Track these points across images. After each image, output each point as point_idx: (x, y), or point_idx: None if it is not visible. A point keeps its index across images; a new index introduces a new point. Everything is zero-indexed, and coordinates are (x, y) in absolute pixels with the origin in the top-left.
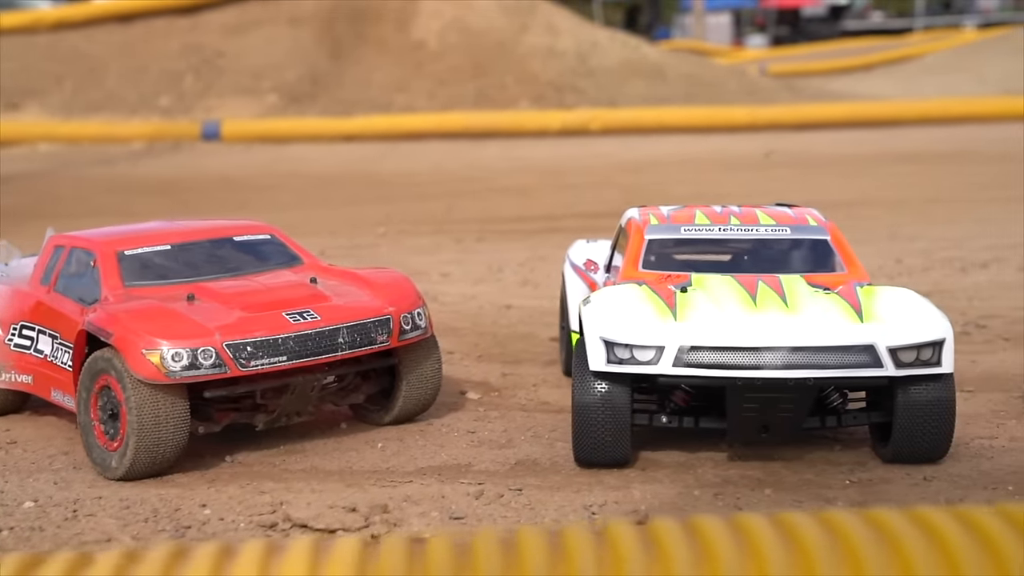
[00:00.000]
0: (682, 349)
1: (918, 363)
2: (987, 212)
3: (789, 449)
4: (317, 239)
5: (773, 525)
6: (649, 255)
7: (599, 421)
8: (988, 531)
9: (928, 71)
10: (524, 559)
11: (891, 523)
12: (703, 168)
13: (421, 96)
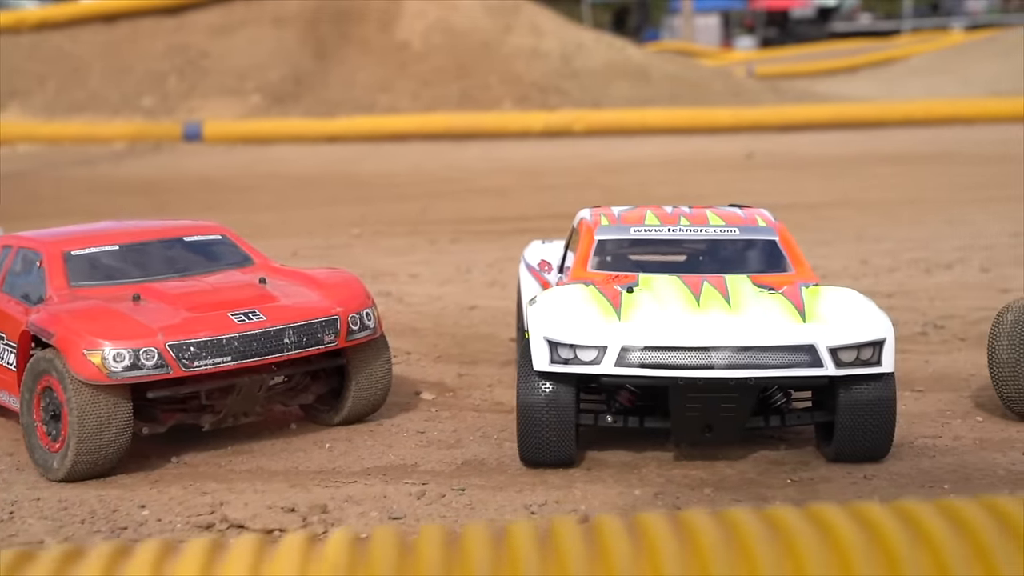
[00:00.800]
0: (624, 349)
1: (858, 363)
2: (961, 213)
3: (735, 449)
4: (292, 240)
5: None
6: (599, 256)
7: (543, 421)
8: (927, 526)
9: (914, 73)
10: (468, 556)
11: (827, 516)
12: (685, 169)
13: (405, 97)
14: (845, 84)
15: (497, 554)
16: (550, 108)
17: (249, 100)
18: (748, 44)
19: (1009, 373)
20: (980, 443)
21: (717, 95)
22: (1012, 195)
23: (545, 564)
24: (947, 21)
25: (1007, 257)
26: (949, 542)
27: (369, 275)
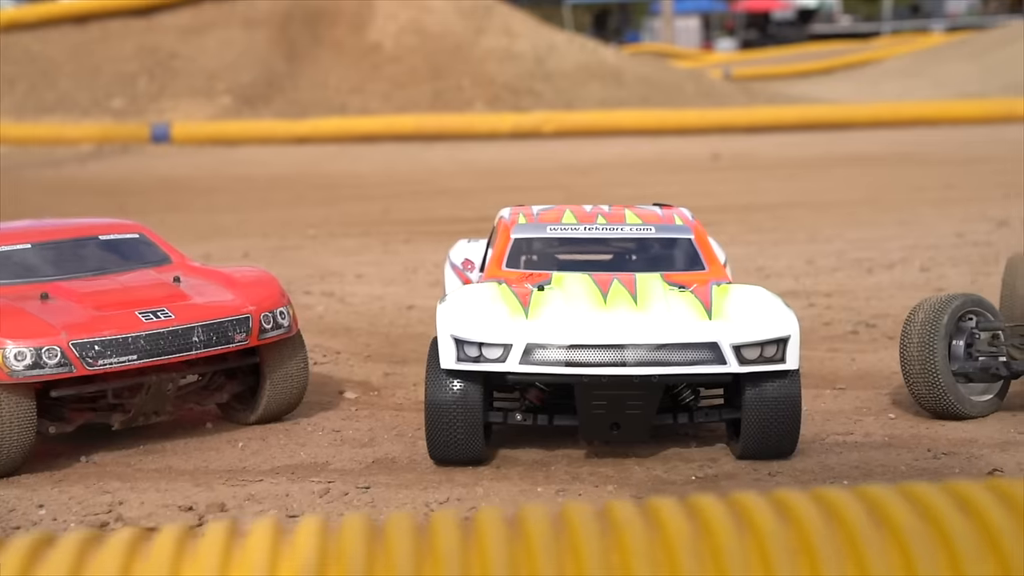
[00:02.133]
0: (529, 347)
1: (762, 360)
2: (915, 214)
3: (647, 446)
4: (246, 240)
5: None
6: (514, 254)
7: (451, 419)
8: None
9: (888, 75)
10: (343, 550)
11: (706, 511)
12: (649, 170)
13: (376, 98)
14: (820, 86)
15: (372, 548)
16: (522, 110)
17: (220, 102)
18: (728, 46)
19: (919, 371)
20: (889, 440)
21: (689, 97)
22: (966, 196)
23: (420, 560)
24: (927, 23)
25: (948, 257)
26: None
27: (317, 275)
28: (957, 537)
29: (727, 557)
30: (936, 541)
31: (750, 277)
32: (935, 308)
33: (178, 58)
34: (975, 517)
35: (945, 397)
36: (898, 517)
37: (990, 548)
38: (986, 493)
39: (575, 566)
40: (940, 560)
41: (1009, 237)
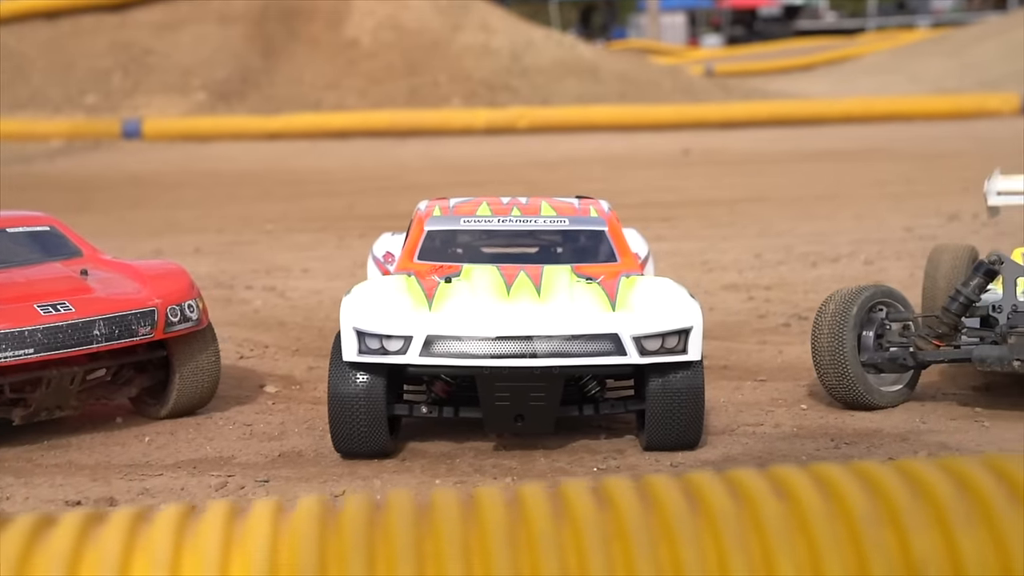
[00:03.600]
0: (430, 339)
1: (663, 351)
2: (870, 208)
3: (555, 438)
4: (201, 236)
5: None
6: (427, 246)
7: (354, 412)
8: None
9: (866, 71)
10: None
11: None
12: (619, 165)
13: (352, 94)
14: (800, 82)
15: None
16: (499, 106)
17: (194, 98)
18: (714, 42)
19: (829, 361)
20: (797, 430)
21: (666, 93)
22: (925, 191)
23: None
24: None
25: (893, 251)
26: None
27: (263, 270)
28: (859, 515)
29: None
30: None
31: (694, 271)
32: (845, 299)
33: (152, 54)
34: (879, 495)
35: (854, 387)
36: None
37: (891, 525)
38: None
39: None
40: (841, 537)
41: (957, 231)
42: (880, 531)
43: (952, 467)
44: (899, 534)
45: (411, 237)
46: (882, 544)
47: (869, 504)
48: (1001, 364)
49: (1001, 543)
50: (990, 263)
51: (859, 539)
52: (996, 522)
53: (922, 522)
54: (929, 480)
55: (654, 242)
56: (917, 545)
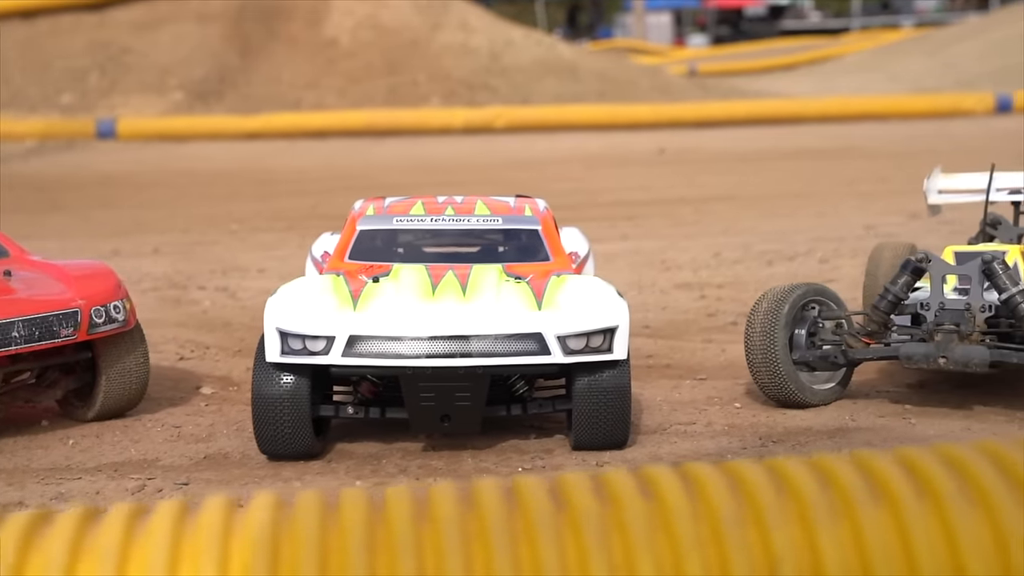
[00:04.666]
0: (352, 339)
1: (588, 350)
2: (835, 206)
3: (485, 438)
4: (163, 236)
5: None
6: (359, 246)
7: (278, 413)
8: None
9: (847, 70)
10: None
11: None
12: (594, 164)
13: (331, 94)
14: (782, 81)
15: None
16: (478, 105)
17: (172, 97)
18: (700, 42)
19: (762, 360)
20: (727, 429)
21: (645, 92)
22: (893, 189)
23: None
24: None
25: (850, 249)
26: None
27: (219, 270)
28: (768, 509)
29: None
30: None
31: (651, 270)
32: (777, 298)
33: (130, 53)
34: (790, 492)
35: (786, 386)
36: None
37: (754, 524)
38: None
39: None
40: (704, 536)
41: (916, 229)
42: (743, 530)
43: (819, 464)
44: (761, 532)
45: (343, 237)
46: (744, 543)
47: (734, 503)
48: (927, 361)
49: (860, 538)
50: (917, 261)
51: (721, 538)
52: (857, 518)
53: (783, 519)
54: (794, 476)
55: (617, 241)
56: (778, 542)
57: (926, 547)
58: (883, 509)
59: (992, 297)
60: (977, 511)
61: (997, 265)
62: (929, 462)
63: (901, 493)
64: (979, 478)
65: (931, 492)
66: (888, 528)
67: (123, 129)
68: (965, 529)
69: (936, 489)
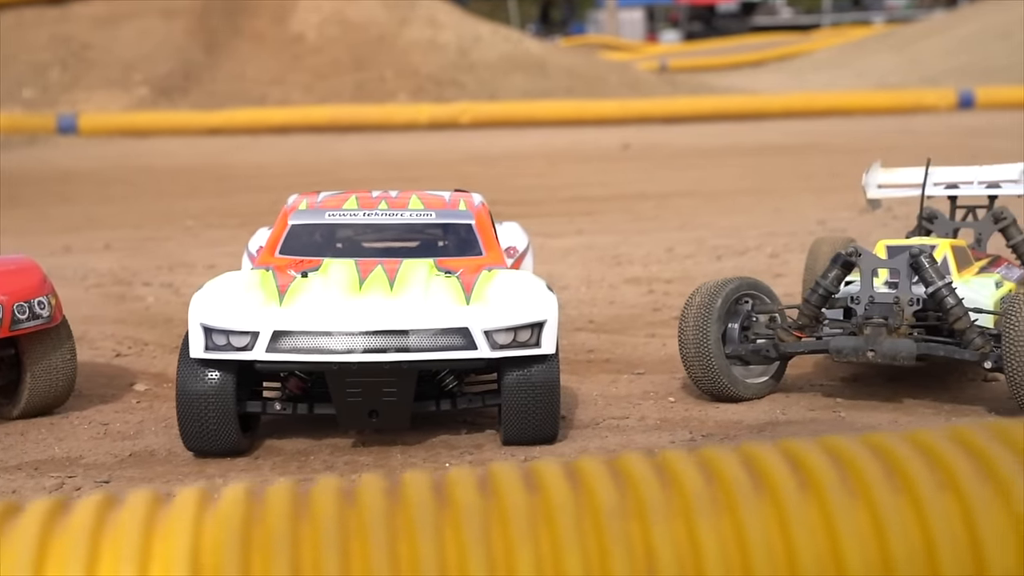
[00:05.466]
0: (277, 335)
1: (516, 345)
2: (793, 202)
3: (416, 433)
4: (116, 232)
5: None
6: (290, 241)
7: (203, 410)
8: None
9: (816, 66)
10: None
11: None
12: (558, 160)
13: (297, 89)
14: (751, 77)
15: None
16: (445, 101)
17: (135, 93)
18: (673, 38)
19: (695, 354)
20: (660, 423)
21: (613, 88)
22: (850, 184)
23: None
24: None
25: (800, 243)
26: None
27: (167, 266)
28: (650, 503)
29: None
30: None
31: (603, 265)
32: (710, 292)
33: (93, 48)
34: (675, 486)
35: (719, 379)
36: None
37: (728, 511)
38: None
39: None
40: (631, 525)
41: (866, 224)
42: (624, 523)
43: (706, 458)
44: (642, 526)
45: (274, 231)
46: (624, 536)
47: (618, 496)
48: (856, 355)
49: (741, 532)
50: (847, 255)
51: (602, 532)
52: (738, 511)
53: (666, 513)
54: (681, 470)
55: (572, 236)
56: (658, 536)
57: (808, 540)
58: (765, 502)
59: (921, 291)
60: (857, 502)
61: (924, 259)
62: (814, 454)
63: (784, 485)
64: (862, 471)
65: (813, 484)
66: (770, 521)
67: (84, 124)
68: (845, 520)
69: (818, 481)
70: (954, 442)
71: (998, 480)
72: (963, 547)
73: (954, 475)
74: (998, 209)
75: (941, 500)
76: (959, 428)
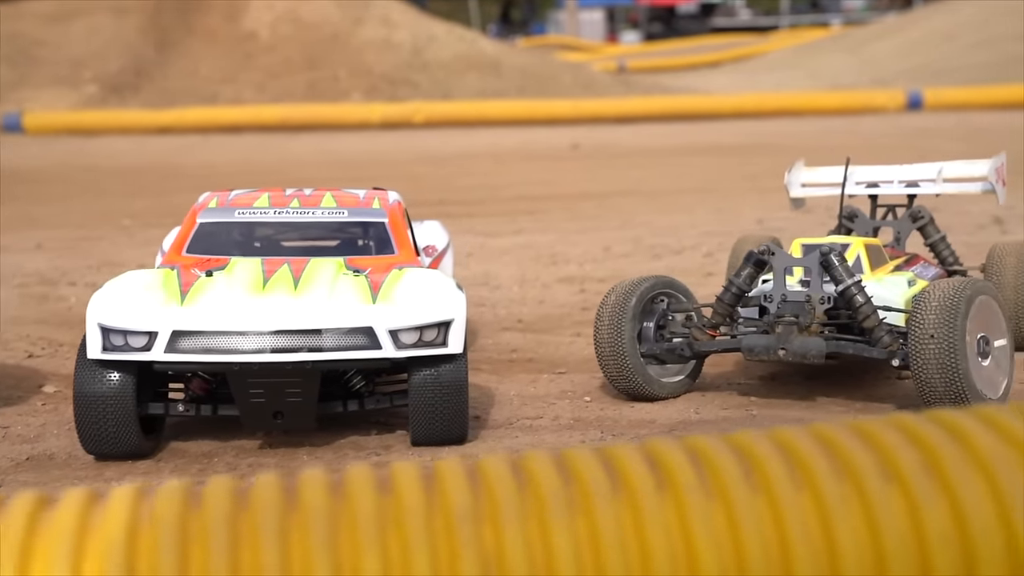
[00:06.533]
0: (176, 335)
1: (421, 344)
2: (735, 201)
3: (325, 434)
4: (49, 231)
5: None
6: (198, 239)
7: (101, 412)
8: None
9: (770, 67)
10: None
11: None
12: (506, 159)
13: (250, 88)
14: (708, 78)
15: None
16: (399, 100)
17: (85, 91)
18: (633, 39)
19: (610, 353)
20: (573, 423)
21: (566, 88)
22: None
23: None
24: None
25: None
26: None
27: (95, 266)
28: (549, 498)
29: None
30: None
31: (538, 264)
32: (625, 291)
33: (42, 46)
34: (531, 487)
35: (634, 379)
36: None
37: (583, 513)
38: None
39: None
40: (484, 528)
41: (804, 223)
42: (476, 526)
43: (566, 458)
44: (495, 528)
45: (182, 229)
46: (476, 539)
47: (472, 498)
48: (768, 353)
49: (595, 532)
50: (759, 253)
51: (453, 535)
52: (593, 512)
53: (520, 514)
54: (539, 471)
55: (511, 236)
56: (509, 538)
57: (662, 540)
58: (622, 502)
59: (832, 289)
60: (713, 503)
61: (834, 257)
62: (675, 454)
63: (642, 486)
64: (720, 471)
65: (672, 484)
66: (625, 521)
67: (29, 123)
68: (700, 520)
69: (676, 481)
70: (814, 440)
71: (854, 479)
72: (819, 547)
73: (812, 474)
74: (916, 208)
75: (798, 500)
76: (819, 426)
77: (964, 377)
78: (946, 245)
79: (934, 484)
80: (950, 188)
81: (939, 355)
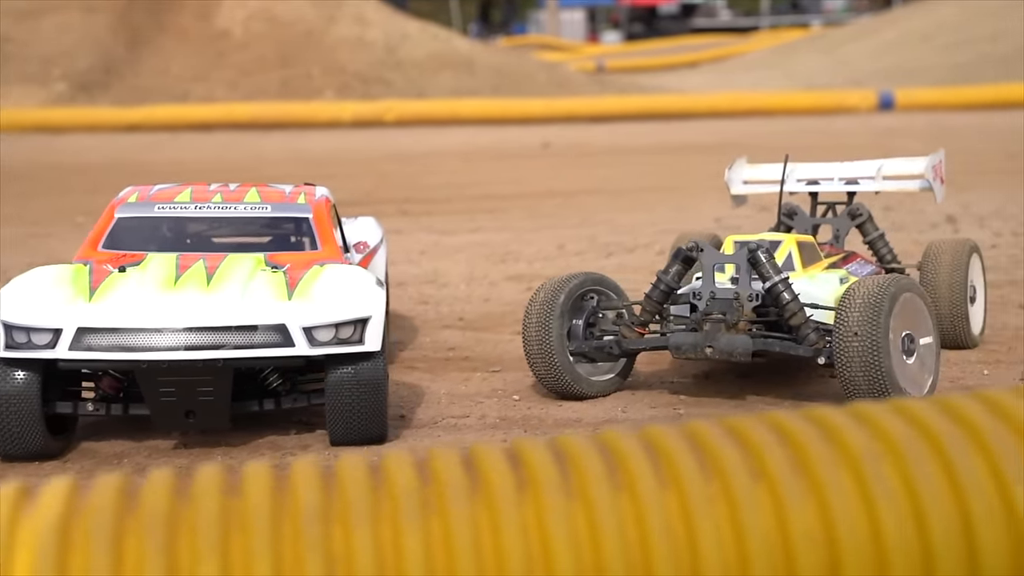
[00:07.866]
0: (81, 332)
1: (337, 342)
2: (696, 200)
3: (242, 433)
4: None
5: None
6: (115, 234)
7: (4, 411)
8: None
9: (747, 67)
10: None
11: None
12: (474, 158)
13: (222, 86)
14: (685, 78)
15: None
16: (372, 98)
17: (54, 88)
18: (614, 39)
19: (538, 351)
20: (499, 422)
21: (541, 87)
22: None
23: None
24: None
25: None
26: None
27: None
28: (404, 499)
29: None
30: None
31: (489, 261)
32: (553, 289)
33: (10, 43)
34: (387, 488)
35: (562, 377)
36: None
37: (581, 501)
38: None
39: None
40: (333, 529)
41: (761, 222)
42: (325, 528)
43: (425, 458)
44: (345, 529)
45: (98, 224)
46: (323, 541)
47: (323, 499)
48: (694, 351)
49: (449, 534)
50: (687, 250)
51: (299, 537)
52: (448, 513)
53: (372, 516)
54: (395, 471)
55: (468, 234)
56: (359, 540)
57: (519, 541)
58: (479, 503)
59: (760, 286)
60: (574, 502)
61: (761, 254)
62: (537, 453)
63: (501, 486)
64: (584, 470)
65: (532, 483)
66: (481, 522)
67: None
68: (559, 520)
69: (537, 480)
70: (684, 438)
71: (722, 477)
72: (681, 546)
73: (678, 472)
74: (855, 205)
75: (662, 498)
76: (690, 424)
77: (887, 375)
78: (884, 243)
79: (802, 483)
80: (889, 186)
81: (862, 353)
